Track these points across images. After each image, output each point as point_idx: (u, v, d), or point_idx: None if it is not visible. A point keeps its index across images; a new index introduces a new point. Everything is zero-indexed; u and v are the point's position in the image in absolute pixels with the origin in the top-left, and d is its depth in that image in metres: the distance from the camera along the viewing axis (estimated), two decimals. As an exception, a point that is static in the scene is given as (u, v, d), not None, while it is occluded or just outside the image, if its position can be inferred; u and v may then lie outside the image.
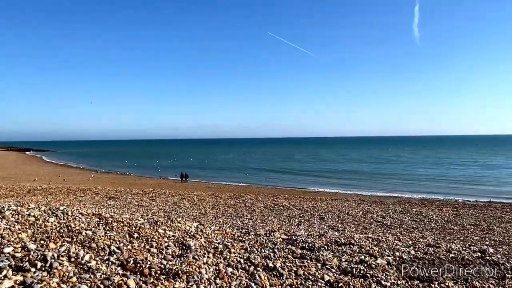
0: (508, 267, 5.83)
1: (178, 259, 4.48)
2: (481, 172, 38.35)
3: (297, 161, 57.86)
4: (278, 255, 5.33)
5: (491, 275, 5.31)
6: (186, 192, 20.88)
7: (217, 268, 4.31)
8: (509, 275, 5.37)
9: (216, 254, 4.93)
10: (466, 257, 6.33)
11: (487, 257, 6.39)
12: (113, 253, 4.30)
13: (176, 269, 4.01)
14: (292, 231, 7.55)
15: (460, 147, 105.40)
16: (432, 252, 6.55)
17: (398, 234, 9.14)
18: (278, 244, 6.02)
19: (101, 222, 5.62)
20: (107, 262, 4.00)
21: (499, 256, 6.66)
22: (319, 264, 5.06)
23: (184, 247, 5.03)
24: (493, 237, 9.34)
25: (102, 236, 4.89)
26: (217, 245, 5.36)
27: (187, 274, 3.95)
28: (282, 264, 4.93)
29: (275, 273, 4.60)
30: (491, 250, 7.22)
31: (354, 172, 39.51)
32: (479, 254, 6.80)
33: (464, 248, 7.30)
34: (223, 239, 5.80)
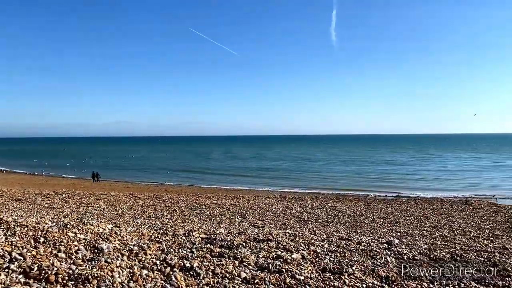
0: (410, 256, 6.34)
1: (89, 263, 4.25)
2: (390, 169, 41.27)
3: (215, 160, 57.94)
4: (196, 255, 5.27)
5: (395, 265, 5.74)
6: (103, 192, 19.93)
7: (131, 270, 4.16)
8: (410, 264, 5.84)
9: (131, 257, 4.75)
10: (375, 248, 6.76)
11: (393, 248, 6.88)
12: (14, 260, 3.96)
13: (86, 274, 3.79)
14: (212, 230, 7.52)
15: (370, 146, 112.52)
16: (344, 245, 6.91)
17: (314, 229, 9.51)
18: (196, 243, 5.96)
19: (2, 227, 5.16)
20: (6, 270, 3.68)
21: (403, 247, 7.22)
22: (236, 262, 5.09)
23: (96, 251, 4.79)
24: (399, 229, 10.06)
25: (3, 242, 4.49)
26: (132, 247, 5.17)
27: (98, 278, 3.77)
28: (200, 263, 4.89)
29: (192, 273, 4.55)
30: (396, 241, 7.80)
31: (274, 170, 40.47)
32: (386, 245, 7.30)
33: (373, 240, 7.80)
34: (139, 241, 5.61)
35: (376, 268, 5.31)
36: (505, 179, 31.03)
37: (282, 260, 5.30)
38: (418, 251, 6.87)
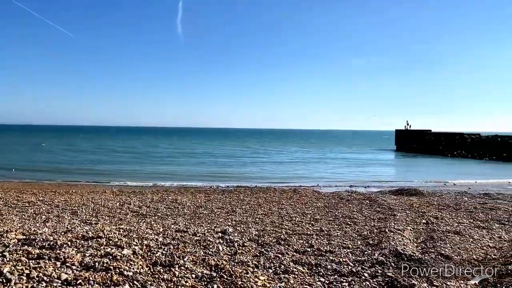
0: (241, 243, 6.71)
1: None
2: (230, 161, 43.15)
3: (50, 152, 52.49)
4: (8, 259, 4.66)
5: (226, 253, 5.99)
6: None
7: None
8: (240, 251, 6.18)
9: None
10: (209, 238, 6.96)
11: (226, 237, 7.19)
12: None
13: None
14: (33, 230, 6.74)
15: (212, 138, 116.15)
16: (180, 237, 6.94)
17: (152, 223, 9.34)
18: (11, 246, 5.26)
19: None
20: None
21: (235, 235, 7.60)
22: (58, 263, 4.66)
23: None
24: (235, 218, 10.55)
25: None
26: None
27: None
28: (12, 268, 4.33)
29: (1, 280, 4.01)
30: (230, 229, 8.16)
31: (112, 163, 38.46)
32: (221, 234, 7.59)
33: (209, 230, 8.03)
34: None
35: (207, 257, 5.46)
36: (327, 170, 35.34)
37: (111, 257, 5.04)
38: (249, 238, 7.33)
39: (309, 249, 6.58)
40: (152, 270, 4.76)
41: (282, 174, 31.01)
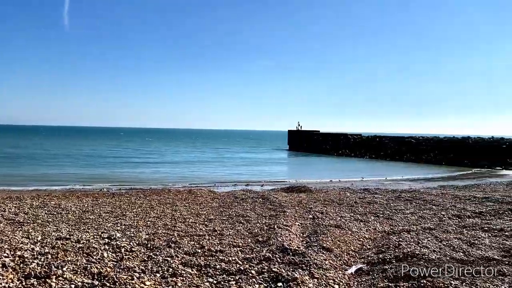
0: (128, 249, 6.45)
1: None
2: (120, 162, 41.33)
3: None
4: None
5: (111, 259, 5.71)
6: None
7: None
8: (127, 256, 5.93)
9: None
10: (94, 245, 6.58)
11: (113, 242, 6.86)
12: None
13: None
14: None
15: (96, 138, 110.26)
16: (61, 245, 6.45)
17: (30, 231, 8.54)
18: None
19: None
20: None
21: (123, 240, 7.28)
22: None
23: None
24: (125, 222, 10.11)
25: None
26: None
27: None
28: None
29: None
30: (118, 234, 7.82)
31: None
32: (107, 240, 7.22)
33: (94, 236, 7.58)
34: None
35: (89, 266, 5.15)
36: (224, 170, 35.74)
37: (-27, 273, 4.49)
38: (138, 242, 7.08)
39: (199, 250, 6.57)
40: (24, 283, 4.34)
41: (177, 175, 30.57)
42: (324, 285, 5.11)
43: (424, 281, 5.08)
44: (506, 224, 8.98)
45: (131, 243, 6.88)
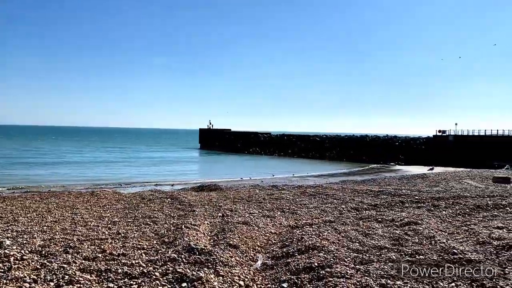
0: (19, 257, 5.90)
1: None
2: (11, 162, 37.91)
3: None
4: None
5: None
6: None
7: None
8: (17, 265, 5.43)
9: None
10: (-23, 255, 5.92)
11: (1, 251, 6.24)
12: None
13: None
14: None
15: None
16: None
17: None
18: None
19: None
20: None
21: (14, 247, 6.66)
22: None
23: None
24: (17, 228, 9.32)
25: None
26: None
27: None
28: None
29: None
30: (8, 242, 7.13)
31: None
32: (-6, 249, 6.55)
33: (-21, 245, 6.83)
34: None
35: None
36: (131, 170, 34.47)
37: None
38: (31, 249, 6.52)
39: (100, 255, 6.23)
40: None
41: (79, 176, 28.80)
42: (229, 282, 5.14)
43: (323, 272, 5.37)
44: (396, 215, 9.84)
45: (23, 251, 6.30)
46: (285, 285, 5.17)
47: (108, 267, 5.44)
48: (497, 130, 47.67)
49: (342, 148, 51.91)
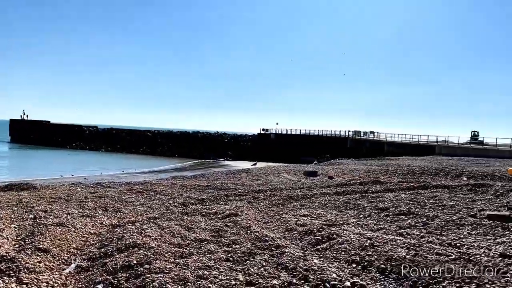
0: None
1: None
2: None
3: None
4: None
5: None
6: None
7: None
8: None
9: None
10: None
11: None
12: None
13: None
14: None
15: None
16: None
17: None
18: None
19: None
20: None
21: None
22: None
23: None
24: None
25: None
26: None
27: None
28: None
29: None
30: None
31: None
32: None
33: None
34: None
35: None
36: None
37: None
38: None
39: None
40: None
41: None
42: (34, 290, 4.65)
43: (142, 269, 5.29)
44: (220, 208, 10.33)
45: None
46: (100, 286, 4.93)
47: None
48: (305, 130, 54.66)
49: (174, 143, 52.02)
